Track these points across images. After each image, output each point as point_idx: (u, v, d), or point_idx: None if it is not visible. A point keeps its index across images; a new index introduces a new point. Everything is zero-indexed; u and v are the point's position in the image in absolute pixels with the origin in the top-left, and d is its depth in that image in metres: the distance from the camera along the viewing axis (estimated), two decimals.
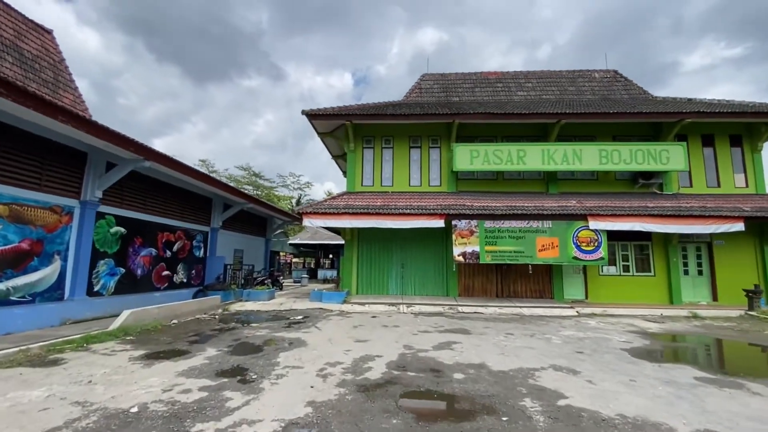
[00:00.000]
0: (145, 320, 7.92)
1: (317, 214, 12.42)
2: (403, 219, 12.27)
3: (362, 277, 13.88)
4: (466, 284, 13.62)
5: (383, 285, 13.81)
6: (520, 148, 13.44)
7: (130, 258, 10.18)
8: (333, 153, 17.27)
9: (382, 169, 14.42)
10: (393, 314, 10.67)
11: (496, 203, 12.89)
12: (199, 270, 13.56)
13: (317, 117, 13.39)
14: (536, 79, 17.85)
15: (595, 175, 14.37)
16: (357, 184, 14.33)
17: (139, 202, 10.58)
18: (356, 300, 12.39)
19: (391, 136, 14.55)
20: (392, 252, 13.98)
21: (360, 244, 14.05)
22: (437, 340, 7.17)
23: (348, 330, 8.11)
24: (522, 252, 12.27)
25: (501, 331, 8.17)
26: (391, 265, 13.91)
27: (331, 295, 12.38)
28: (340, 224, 12.41)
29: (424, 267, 13.83)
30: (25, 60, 13.08)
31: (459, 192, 14.04)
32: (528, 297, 13.52)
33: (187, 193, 12.78)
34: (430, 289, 13.68)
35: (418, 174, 14.36)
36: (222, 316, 10.08)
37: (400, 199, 13.25)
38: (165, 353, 5.87)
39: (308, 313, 10.54)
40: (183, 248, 12.58)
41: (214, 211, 14.43)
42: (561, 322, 9.76)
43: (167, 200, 11.79)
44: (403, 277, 13.82)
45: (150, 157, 8.79)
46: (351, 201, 13.16)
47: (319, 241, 25.82)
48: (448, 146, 14.23)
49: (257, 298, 12.86)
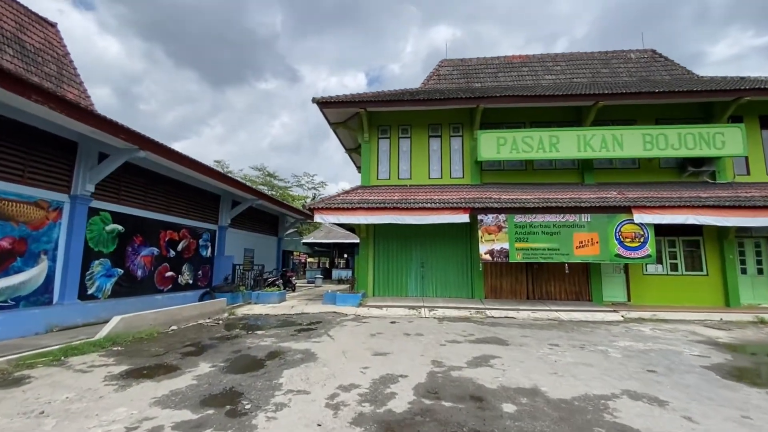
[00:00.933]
0: (139, 327, 7.08)
1: (330, 210, 11.44)
2: (423, 214, 11.16)
3: (379, 277, 12.84)
4: (493, 285, 12.41)
5: (402, 286, 12.73)
6: (553, 134, 12.14)
7: (129, 258, 9.42)
8: (347, 146, 16.29)
9: (399, 160, 13.33)
10: (414, 319, 9.59)
11: (527, 195, 11.64)
12: (206, 270, 12.78)
13: (329, 105, 12.41)
14: (565, 61, 16.44)
15: (637, 163, 12.93)
16: (372, 177, 13.29)
17: (139, 198, 9.82)
18: (373, 303, 11.36)
19: (408, 125, 13.45)
20: (411, 250, 12.89)
21: (376, 242, 13.01)
22: (470, 353, 6.05)
23: (365, 339, 7.08)
24: (557, 249, 10.99)
25: (543, 342, 6.98)
26: (410, 265, 12.82)
27: (345, 298, 11.38)
28: (355, 220, 11.40)
29: (446, 266, 12.69)
30: (27, 53, 12.55)
31: (484, 184, 12.83)
32: (563, 299, 12.21)
33: (192, 189, 12.00)
34: (453, 291, 12.53)
35: (439, 165, 13.21)
36: (227, 321, 9.20)
37: (420, 193, 12.15)
38: (150, 370, 4.95)
39: (320, 318, 9.57)
40: (188, 247, 11.81)
41: (221, 208, 13.65)
42: (609, 329, 8.49)
43: (170, 196, 11.02)
44: (424, 278, 12.70)
45: (144, 146, 7.97)
46: (366, 195, 12.13)
47: (333, 240, 24.93)
48: (471, 134, 13.04)
49: (267, 301, 11.98)
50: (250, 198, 13.87)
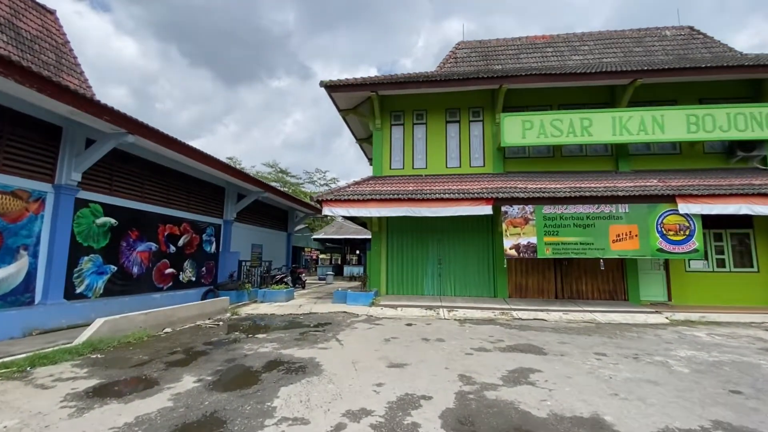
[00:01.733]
0: (126, 330, 6.34)
1: (339, 202, 10.57)
2: (441, 205, 10.19)
3: (393, 274, 11.94)
4: (517, 283, 11.37)
5: (417, 284, 11.80)
6: (585, 116, 10.98)
7: (124, 254, 8.73)
8: (358, 136, 15.39)
9: (414, 148, 12.36)
10: (432, 321, 8.66)
11: (556, 184, 10.54)
12: (210, 267, 12.09)
13: (338, 89, 11.50)
14: (593, 41, 15.15)
15: (678, 148, 11.68)
16: (385, 167, 12.36)
17: (134, 189, 9.12)
18: (386, 302, 10.47)
19: (423, 110, 12.46)
20: (427, 246, 11.93)
21: (390, 237, 12.10)
22: (503, 364, 5.10)
23: (378, 345, 6.19)
24: (591, 244, 9.88)
25: (586, 350, 5.97)
26: (427, 261, 11.87)
27: (356, 296, 10.52)
28: (366, 213, 10.50)
29: (465, 263, 11.69)
30: (23, 40, 11.97)
31: (507, 173, 11.76)
32: (595, 299, 11.10)
33: (194, 181, 11.29)
34: (473, 289, 11.53)
35: (457, 153, 12.19)
36: (228, 322, 8.44)
37: (437, 183, 11.17)
38: (122, 385, 4.16)
39: (329, 319, 8.73)
40: (190, 243, 11.11)
41: (226, 201, 12.93)
42: (657, 333, 7.40)
43: (170, 188, 10.32)
44: (441, 275, 11.74)
45: (133, 130, 7.22)
46: (378, 186, 11.22)
47: (344, 235, 24.13)
48: (493, 118, 11.98)
49: (274, 299, 11.22)
50: (255, 190, 13.11)
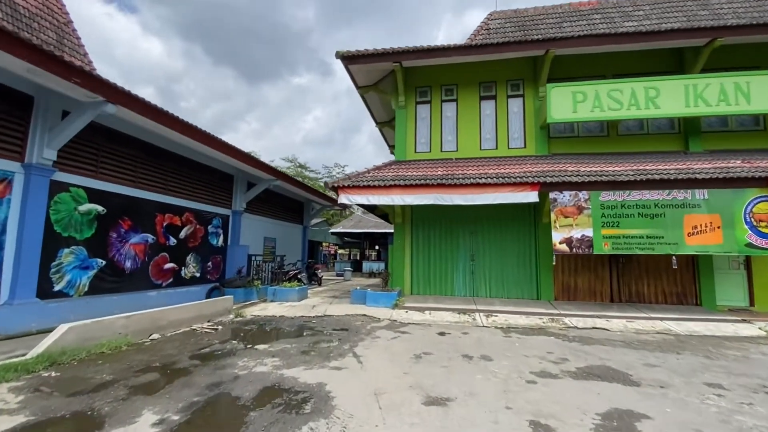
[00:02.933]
0: (101, 337, 5.23)
1: (357, 189, 9.22)
2: (476, 192, 8.69)
3: (418, 272, 10.52)
4: (565, 283, 9.75)
5: (446, 283, 10.35)
6: (651, 85, 9.21)
7: (114, 246, 7.69)
8: (378, 118, 13.99)
9: (443, 128, 10.85)
10: (469, 329, 7.22)
11: (614, 167, 8.86)
12: (217, 262, 11.02)
13: (356, 60, 10.10)
14: (649, 5, 13.12)
15: (761, 123, 9.72)
16: (409, 150, 10.92)
17: (126, 173, 8.05)
18: (411, 303, 9.09)
19: (454, 85, 10.92)
20: (458, 240, 10.45)
21: (415, 230, 10.68)
22: (586, 402, 3.63)
23: (407, 364, 4.82)
24: (660, 237, 8.17)
25: (690, 378, 4.41)
26: (457, 257, 10.39)
27: (377, 297, 9.19)
28: (388, 201, 9.10)
29: (503, 259, 10.14)
30: (20, 17, 11.14)
31: (552, 155, 10.11)
32: (660, 302, 9.36)
33: (198, 166, 10.20)
34: (512, 290, 9.99)
35: (493, 133, 10.61)
36: (230, 325, 7.27)
37: (469, 167, 9.66)
38: (53, 429, 2.96)
39: (346, 324, 7.43)
40: (193, 234, 10.04)
41: (235, 190, 11.82)
42: (763, 351, 5.72)
43: (170, 173, 9.24)
44: (474, 274, 10.24)
45: (112, 97, 6.06)
46: (402, 171, 9.81)
47: (363, 229, 22.86)
48: (535, 92, 10.33)
49: (285, 298, 10.02)
50: (266, 178, 11.94)
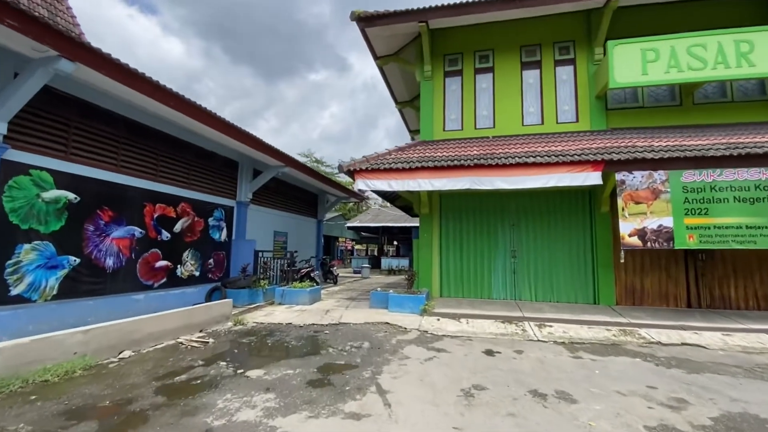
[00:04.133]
0: (49, 359, 3.98)
1: (377, 172, 7.76)
2: (523, 173, 7.09)
3: (448, 271, 9.01)
4: (628, 284, 8.05)
5: (482, 284, 8.80)
6: (743, 38, 7.34)
7: (91, 241, 6.49)
8: (398, 97, 12.46)
9: (477, 102, 9.24)
10: (521, 344, 5.69)
11: (698, 140, 7.09)
12: (220, 259, 9.80)
13: (374, 21, 8.59)
14: None
15: None
16: (437, 128, 9.37)
17: (106, 156, 6.84)
18: (443, 309, 7.60)
19: (489, 50, 9.27)
20: (496, 232, 8.87)
21: (444, 221, 9.16)
22: None
23: (455, 411, 3.36)
24: (764, 227, 6.40)
25: None
26: (495, 253, 8.82)
27: (401, 300, 7.74)
28: (414, 186, 7.60)
29: (551, 256, 8.52)
30: None
31: (612, 130, 8.38)
32: (751, 308, 7.57)
33: (196, 150, 8.95)
34: (563, 293, 8.36)
35: (537, 106, 8.94)
36: (223, 337, 5.98)
37: (510, 146, 8.05)
38: None
39: (365, 336, 6.02)
40: (191, 228, 8.82)
41: (241, 178, 10.56)
42: None
43: (162, 157, 8.01)
44: (516, 272, 8.65)
45: (66, 51, 4.76)
46: (430, 151, 8.29)
47: (381, 223, 21.43)
48: (589, 54, 8.59)
49: (295, 301, 8.72)
50: (274, 164, 10.61)
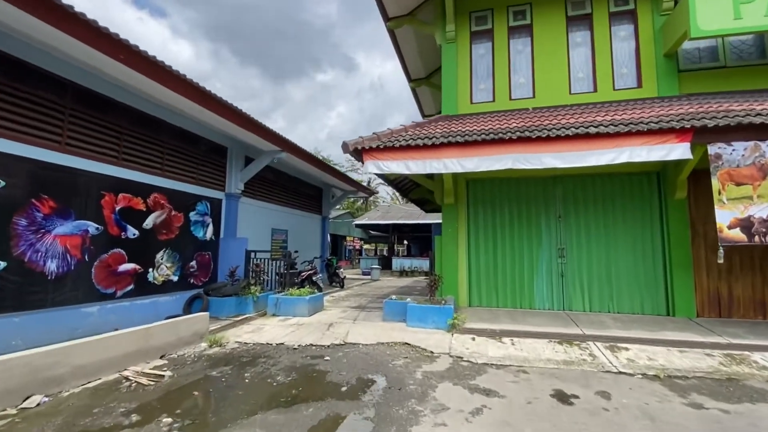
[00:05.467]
0: None
1: (391, 151, 6.16)
2: (582, 146, 5.42)
3: (478, 273, 7.37)
4: (713, 291, 6.32)
5: (521, 290, 7.13)
6: None
7: (23, 239, 5.02)
8: (413, 73, 10.81)
9: (512, 68, 7.58)
10: (597, 378, 4.04)
11: None
12: (205, 260, 8.31)
13: None
14: None
15: None
16: (462, 100, 7.74)
17: (45, 129, 5.36)
18: (476, 323, 5.98)
19: (526, 4, 7.60)
20: (539, 226, 7.20)
21: (473, 213, 7.53)
22: None
23: None
24: None
25: None
26: (538, 253, 7.15)
27: (423, 312, 6.12)
28: (438, 167, 5.96)
29: (609, 255, 6.82)
30: None
31: (687, 97, 6.65)
32: None
33: (173, 130, 7.46)
34: (625, 301, 6.66)
35: (588, 70, 7.24)
36: (188, 367, 4.45)
37: (558, 117, 6.38)
38: None
39: (379, 364, 4.43)
40: (167, 224, 7.33)
41: (230, 166, 9.06)
42: None
43: (126, 136, 6.52)
44: (565, 275, 6.97)
45: None
46: (456, 126, 6.66)
47: (391, 220, 19.82)
48: (654, 4, 6.87)
49: (291, 311, 7.18)
50: (268, 149, 9.08)
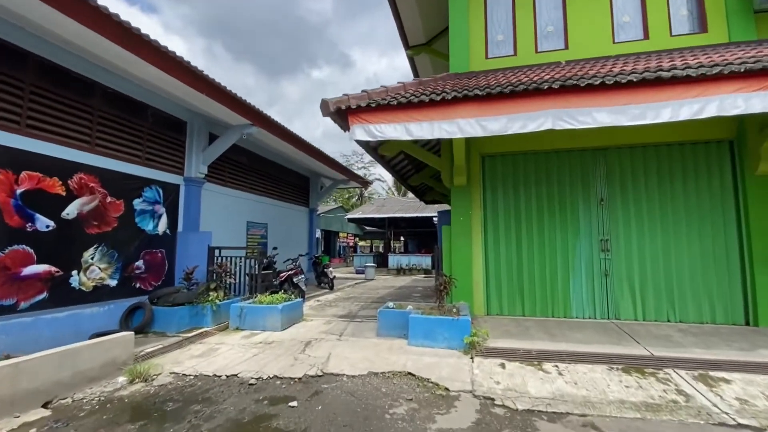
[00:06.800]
0: None
1: (386, 111, 4.59)
2: (651, 96, 3.90)
3: (498, 273, 5.84)
4: None
5: (554, 294, 5.62)
6: None
7: None
8: (411, 38, 9.20)
9: (537, 12, 6.03)
10: None
11: None
12: (156, 260, 6.70)
13: None
14: None
15: None
16: (475, 54, 6.18)
17: None
18: (502, 341, 4.46)
19: None
20: (576, 212, 5.69)
21: (491, 196, 6.00)
22: None
23: None
24: None
25: None
26: (575, 244, 5.63)
27: (430, 327, 4.56)
28: (451, 130, 4.38)
29: (667, 247, 5.31)
30: None
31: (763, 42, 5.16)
32: None
33: (105, 92, 5.82)
34: (689, 306, 5.16)
35: (636, 12, 5.71)
36: (79, 422, 2.88)
37: (604, 68, 4.83)
38: None
39: (369, 419, 2.89)
40: (100, 213, 5.71)
41: (190, 144, 7.44)
42: None
43: (29, 92, 4.88)
44: (609, 275, 5.46)
45: None
46: (471, 82, 5.10)
47: (387, 214, 18.25)
48: None
49: (260, 324, 5.61)
50: (236, 123, 7.46)
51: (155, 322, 5.65)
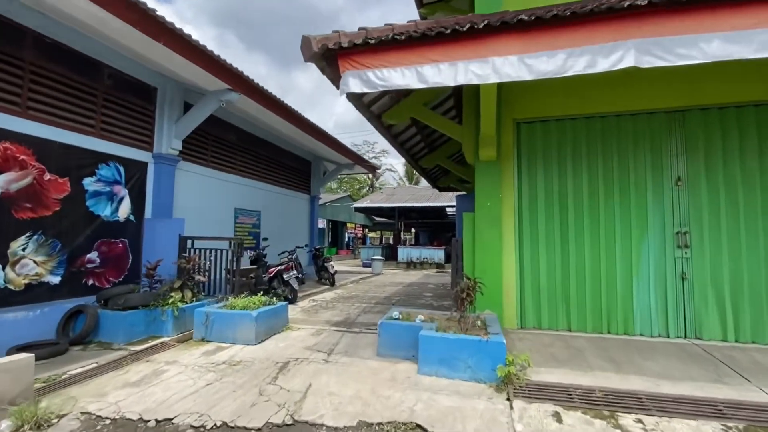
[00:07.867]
0: None
1: (389, 50, 3.28)
2: None
3: (536, 274, 4.54)
4: None
5: (611, 302, 4.28)
6: None
7: None
8: None
9: None
10: None
11: None
12: (116, 252, 5.59)
13: None
14: None
15: None
16: None
17: None
18: (549, 372, 3.18)
19: None
20: (642, 195, 4.31)
21: (526, 174, 4.67)
22: None
23: None
24: None
25: None
26: (641, 239, 4.27)
27: (447, 349, 3.31)
28: (485, 72, 3.05)
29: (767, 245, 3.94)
30: None
31: None
32: None
33: (38, 41, 4.65)
34: None
35: None
36: None
37: None
38: None
39: None
40: (35, 193, 4.60)
41: (161, 115, 6.27)
42: None
43: None
44: (689, 278, 4.10)
45: None
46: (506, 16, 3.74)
47: (397, 203, 16.94)
48: None
49: (228, 335, 4.44)
50: (213, 89, 6.24)
51: (101, 329, 4.55)
